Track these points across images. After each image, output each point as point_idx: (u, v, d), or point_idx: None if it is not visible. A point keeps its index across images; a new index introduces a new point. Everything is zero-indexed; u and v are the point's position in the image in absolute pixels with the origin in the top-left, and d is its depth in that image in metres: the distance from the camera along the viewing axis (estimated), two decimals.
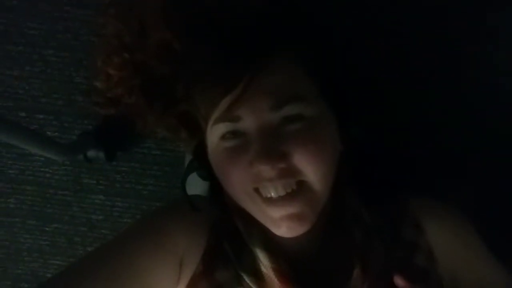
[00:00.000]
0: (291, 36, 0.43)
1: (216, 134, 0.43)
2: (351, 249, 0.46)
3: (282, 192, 0.41)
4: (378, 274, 0.44)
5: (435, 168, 0.69)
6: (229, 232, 0.48)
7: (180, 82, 0.44)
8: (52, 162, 0.87)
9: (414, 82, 0.67)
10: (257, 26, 0.41)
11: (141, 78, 0.44)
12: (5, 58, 0.81)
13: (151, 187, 0.88)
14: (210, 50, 0.41)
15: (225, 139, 0.42)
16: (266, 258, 0.45)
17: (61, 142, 0.81)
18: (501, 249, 0.49)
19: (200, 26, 0.41)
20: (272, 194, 0.41)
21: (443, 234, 0.49)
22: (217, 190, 0.49)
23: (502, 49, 0.66)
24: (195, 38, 0.41)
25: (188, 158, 0.63)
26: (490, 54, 0.66)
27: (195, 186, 0.55)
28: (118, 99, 0.46)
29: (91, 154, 0.83)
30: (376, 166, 0.56)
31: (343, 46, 0.51)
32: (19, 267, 0.93)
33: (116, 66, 0.44)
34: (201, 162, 0.49)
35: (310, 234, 0.43)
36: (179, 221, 0.47)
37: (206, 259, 0.46)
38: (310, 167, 0.41)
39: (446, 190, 0.59)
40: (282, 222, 0.42)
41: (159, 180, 0.87)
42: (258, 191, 0.42)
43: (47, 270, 0.93)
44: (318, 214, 0.44)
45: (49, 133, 0.85)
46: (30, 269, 0.93)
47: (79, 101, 0.83)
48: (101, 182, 0.88)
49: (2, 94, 0.83)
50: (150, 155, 0.86)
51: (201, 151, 0.48)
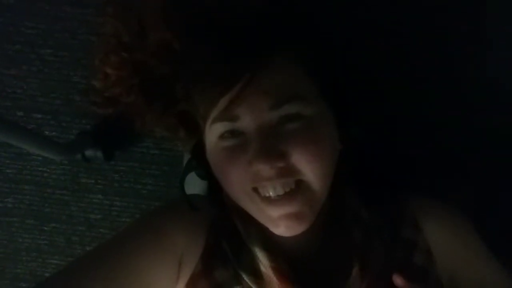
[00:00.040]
0: (291, 36, 0.43)
1: (214, 133, 0.43)
2: (351, 248, 0.46)
3: (280, 191, 0.41)
4: (378, 273, 0.44)
5: (435, 168, 0.69)
6: (228, 231, 0.48)
7: (179, 82, 0.44)
8: (50, 161, 0.87)
9: (414, 82, 0.67)
10: (257, 26, 0.41)
11: (140, 77, 0.44)
12: (2, 57, 0.81)
13: (150, 187, 0.87)
14: (209, 50, 0.41)
15: (223, 139, 0.42)
16: (265, 257, 0.45)
17: (59, 141, 0.80)
18: (501, 249, 0.49)
19: (200, 26, 0.41)
20: (271, 193, 0.41)
21: (443, 234, 0.49)
22: (215, 190, 0.49)
23: (502, 49, 0.66)
24: (195, 38, 0.41)
25: (186, 158, 0.63)
26: (490, 54, 0.66)
27: (194, 185, 0.55)
28: (116, 99, 0.46)
29: (89, 153, 0.83)
30: (376, 166, 0.56)
31: (343, 46, 0.51)
32: (18, 267, 0.93)
33: (114, 65, 0.44)
34: (199, 161, 0.49)
35: (309, 233, 0.43)
36: (178, 220, 0.47)
37: (205, 258, 0.46)
38: (309, 167, 0.40)
39: (446, 190, 0.59)
40: (281, 221, 0.42)
41: (158, 179, 0.87)
42: (257, 191, 0.42)
43: (46, 270, 0.93)
44: (317, 213, 0.44)
45: (47, 132, 0.85)
46: (28, 268, 0.93)
47: (77, 100, 0.83)
48: (99, 182, 0.88)
49: (0, 94, 0.83)
50: (149, 155, 0.86)
51: (199, 151, 0.48)
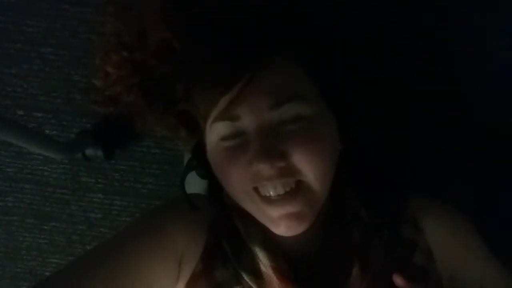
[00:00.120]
0: (291, 36, 0.43)
1: (215, 133, 0.43)
2: (351, 248, 0.46)
3: (281, 191, 0.41)
4: (378, 273, 0.44)
5: (435, 168, 0.69)
6: (228, 230, 0.48)
7: (179, 81, 0.44)
8: (50, 160, 0.87)
9: (414, 82, 0.67)
10: (257, 26, 0.41)
11: (140, 77, 0.44)
12: (3, 56, 0.81)
13: (150, 186, 0.87)
14: (210, 50, 0.41)
15: (224, 139, 0.42)
16: (265, 257, 0.45)
17: (59, 140, 0.80)
18: (501, 249, 0.49)
19: (200, 26, 0.41)
20: (271, 193, 0.41)
21: (443, 234, 0.49)
22: (216, 189, 0.50)
23: (502, 49, 0.66)
24: (195, 37, 0.41)
25: (187, 157, 0.63)
26: (490, 54, 0.66)
27: (194, 184, 0.55)
28: (116, 98, 0.46)
29: (90, 152, 0.83)
30: (375, 165, 0.56)
31: (343, 46, 0.51)
32: (18, 266, 0.93)
33: (114, 64, 0.44)
34: (200, 161, 0.49)
35: (309, 233, 0.43)
36: (178, 219, 0.47)
37: (205, 258, 0.46)
38: (309, 167, 0.40)
39: (446, 190, 0.59)
40: (281, 221, 0.42)
41: (158, 178, 0.87)
42: (257, 190, 0.42)
43: (46, 269, 0.93)
44: (317, 213, 0.44)
45: (47, 131, 0.85)
46: (28, 267, 0.93)
47: (78, 99, 0.83)
48: (99, 181, 0.88)
49: (0, 92, 0.83)
50: (149, 154, 0.86)
51: (200, 150, 0.48)
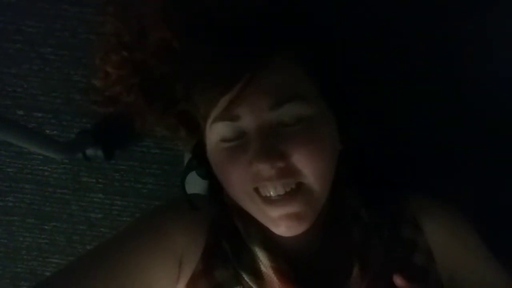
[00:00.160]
0: (291, 36, 0.43)
1: (215, 133, 0.43)
2: (351, 248, 0.46)
3: (281, 191, 0.41)
4: (378, 273, 0.44)
5: (435, 168, 0.69)
6: (228, 231, 0.48)
7: (179, 81, 0.44)
8: (50, 160, 0.87)
9: (414, 82, 0.67)
10: (257, 26, 0.41)
11: (140, 77, 0.44)
12: (3, 56, 0.81)
13: (150, 186, 0.87)
14: (210, 50, 0.41)
15: (224, 139, 0.42)
16: (265, 257, 0.45)
17: (59, 140, 0.80)
18: (501, 249, 0.49)
19: (200, 26, 0.41)
20: (271, 193, 0.41)
21: (443, 234, 0.49)
22: (216, 189, 0.50)
23: (502, 49, 0.66)
24: (195, 38, 0.41)
25: (187, 157, 0.63)
26: (490, 54, 0.66)
27: (194, 184, 0.55)
28: (116, 98, 0.46)
29: (90, 152, 0.83)
30: (375, 165, 0.56)
31: (343, 46, 0.50)
32: (18, 266, 0.93)
33: (114, 64, 0.44)
34: (200, 161, 0.49)
35: (310, 233, 0.43)
36: (178, 219, 0.47)
37: (206, 258, 0.46)
38: (309, 167, 0.40)
39: (446, 190, 0.59)
40: (281, 222, 0.42)
41: (158, 178, 0.87)
42: (257, 191, 0.42)
43: (46, 269, 0.93)
44: (317, 213, 0.44)
45: (47, 131, 0.85)
46: (29, 267, 0.93)
47: (78, 99, 0.82)
48: (100, 181, 0.88)
49: (0, 93, 0.83)
50: (149, 154, 0.86)
51: (200, 150, 0.48)
